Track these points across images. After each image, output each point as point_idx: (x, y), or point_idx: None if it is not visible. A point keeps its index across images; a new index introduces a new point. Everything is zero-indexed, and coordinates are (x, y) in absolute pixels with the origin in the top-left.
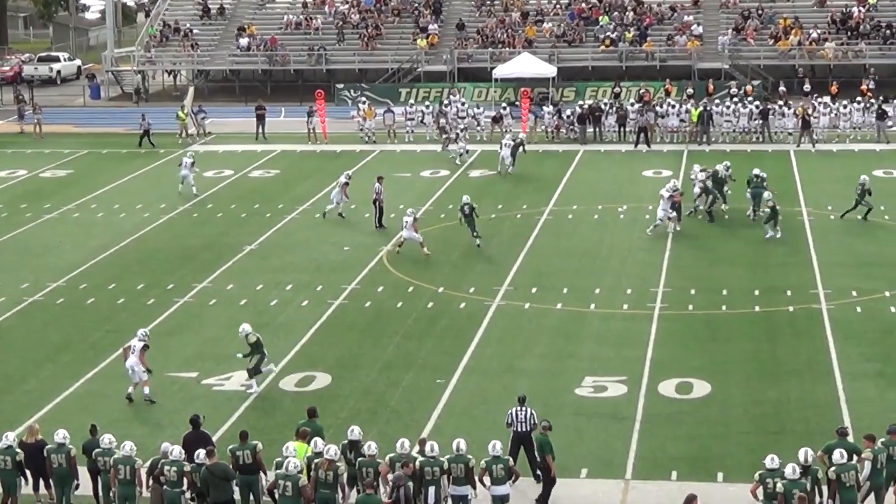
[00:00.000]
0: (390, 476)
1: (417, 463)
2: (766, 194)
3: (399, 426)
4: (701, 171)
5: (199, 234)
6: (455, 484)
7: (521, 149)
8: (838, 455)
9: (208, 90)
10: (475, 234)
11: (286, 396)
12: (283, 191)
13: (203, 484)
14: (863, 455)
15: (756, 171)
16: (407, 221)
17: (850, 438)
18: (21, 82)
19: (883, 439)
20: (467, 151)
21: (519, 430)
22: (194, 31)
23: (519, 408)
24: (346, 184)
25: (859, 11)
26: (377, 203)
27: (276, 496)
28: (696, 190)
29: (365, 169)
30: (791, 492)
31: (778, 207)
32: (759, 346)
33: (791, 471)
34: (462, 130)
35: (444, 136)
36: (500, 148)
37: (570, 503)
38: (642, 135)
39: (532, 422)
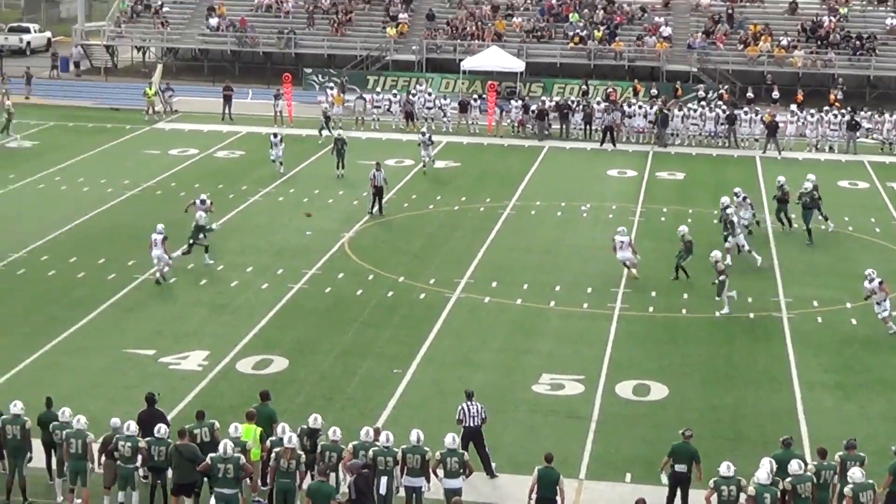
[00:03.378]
0: (349, 463)
1: (371, 452)
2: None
3: (354, 414)
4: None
5: (162, 212)
6: (409, 475)
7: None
8: (796, 466)
9: (176, 68)
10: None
11: (242, 379)
12: (247, 172)
13: (168, 462)
14: (808, 469)
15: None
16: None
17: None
18: None
19: (841, 453)
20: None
21: (470, 425)
22: (165, 8)
23: (469, 403)
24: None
25: (830, 21)
26: (374, 189)
27: (213, 479)
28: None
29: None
30: (762, 496)
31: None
32: (718, 352)
33: (765, 475)
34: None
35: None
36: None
37: (521, 501)
38: (608, 134)
39: (482, 416)
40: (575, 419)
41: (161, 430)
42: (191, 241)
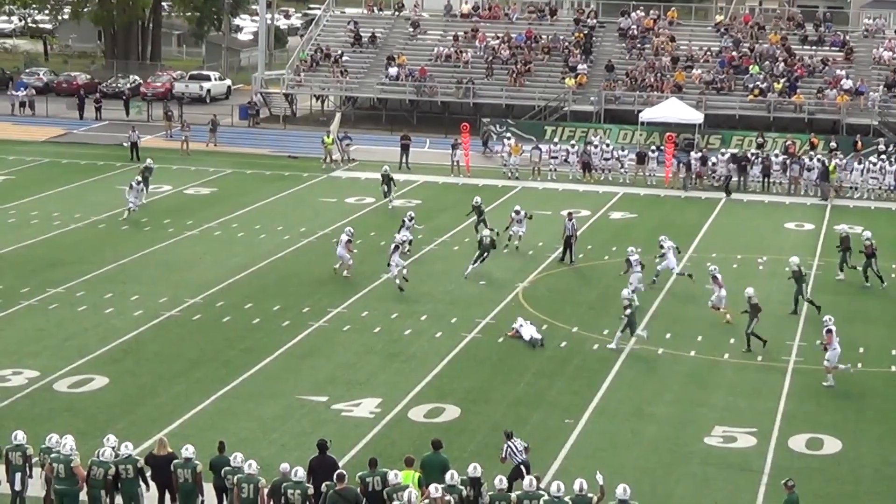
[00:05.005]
0: None
1: (542, 502)
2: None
3: None
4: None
5: (336, 259)
6: None
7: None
8: None
9: (354, 117)
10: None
11: (414, 427)
12: (423, 221)
13: None
14: None
15: None
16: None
17: None
18: (171, 99)
19: None
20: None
21: (519, 460)
22: (345, 57)
23: (512, 441)
24: (349, 241)
25: None
26: (567, 239)
27: None
28: None
29: (504, 205)
30: None
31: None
32: (894, 407)
33: None
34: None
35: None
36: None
37: None
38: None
39: (526, 444)
40: (747, 472)
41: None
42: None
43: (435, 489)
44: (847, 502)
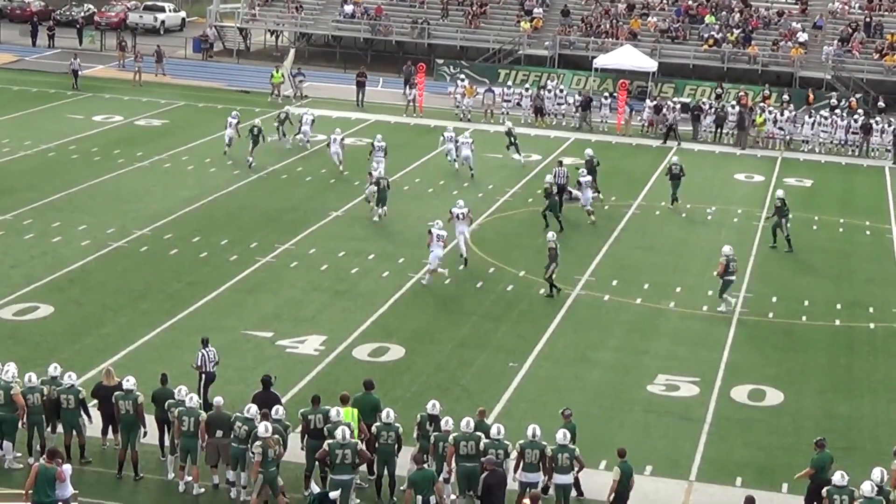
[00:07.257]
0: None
1: (482, 444)
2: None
3: (468, 405)
4: None
5: (286, 196)
6: (526, 470)
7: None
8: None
9: (308, 54)
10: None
11: (358, 365)
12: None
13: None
14: None
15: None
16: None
17: None
18: (125, 29)
19: None
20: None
21: (208, 370)
22: None
23: (206, 350)
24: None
25: None
26: (557, 187)
27: (331, 464)
28: None
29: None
30: None
31: None
32: (836, 361)
33: (869, 488)
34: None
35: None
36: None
37: (633, 499)
38: (671, 131)
39: (216, 360)
40: (688, 421)
41: (279, 412)
42: None
43: (265, 428)
44: (787, 454)
